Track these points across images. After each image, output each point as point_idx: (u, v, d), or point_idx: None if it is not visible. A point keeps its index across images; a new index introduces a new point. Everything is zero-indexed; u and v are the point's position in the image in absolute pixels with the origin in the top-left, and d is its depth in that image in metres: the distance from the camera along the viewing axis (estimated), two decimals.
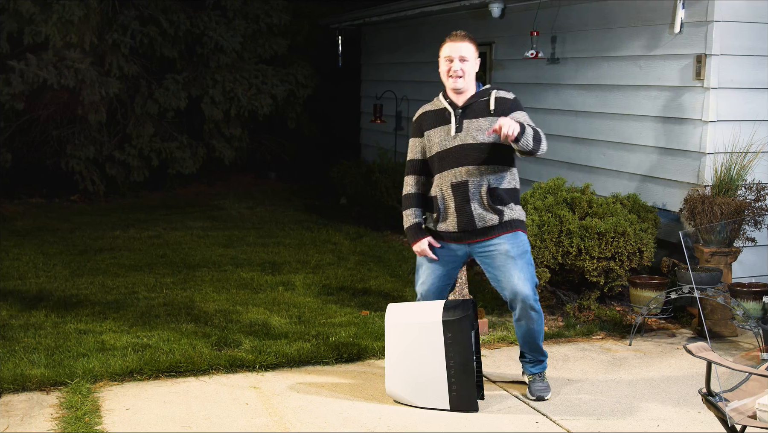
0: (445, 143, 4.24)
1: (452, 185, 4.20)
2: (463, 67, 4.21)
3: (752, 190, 5.67)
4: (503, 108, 4.20)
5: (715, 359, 3.22)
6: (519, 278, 4.17)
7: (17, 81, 9.82)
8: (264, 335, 5.25)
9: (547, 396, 4.35)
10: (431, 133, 4.30)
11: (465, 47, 4.24)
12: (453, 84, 4.23)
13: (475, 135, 4.18)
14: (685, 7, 5.85)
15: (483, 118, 4.20)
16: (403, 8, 9.50)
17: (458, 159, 4.19)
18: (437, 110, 4.33)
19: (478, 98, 4.25)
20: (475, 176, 4.17)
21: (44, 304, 5.94)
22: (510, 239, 4.20)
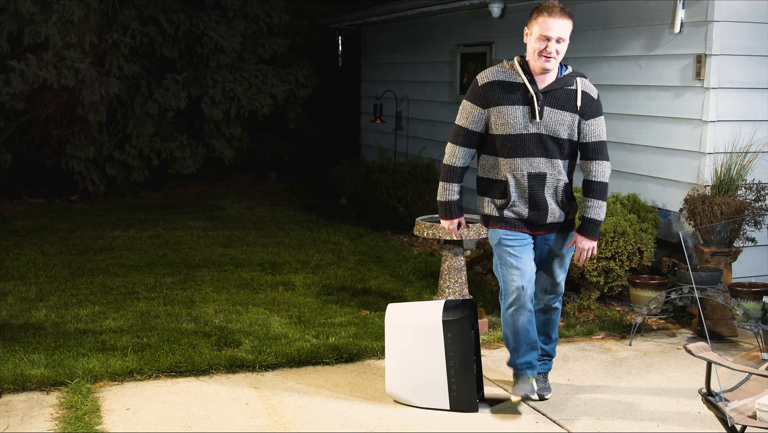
0: (520, 127, 3.90)
1: (529, 175, 3.94)
2: (558, 48, 3.85)
3: (752, 190, 5.67)
4: (589, 108, 3.96)
5: (715, 359, 3.22)
6: (559, 274, 4.18)
7: (17, 81, 9.82)
8: (264, 335, 5.25)
9: (548, 395, 4.34)
10: (504, 110, 3.91)
11: (564, 26, 3.85)
12: (544, 64, 3.86)
13: (556, 129, 3.91)
14: (685, 7, 5.85)
15: (567, 112, 3.91)
16: (403, 8, 9.50)
17: (536, 148, 3.91)
18: (513, 84, 3.92)
19: (562, 84, 3.92)
20: (552, 170, 3.95)
21: (44, 304, 5.94)
22: (563, 238, 4.14)
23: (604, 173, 4.01)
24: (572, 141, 3.96)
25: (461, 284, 5.44)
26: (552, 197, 3.99)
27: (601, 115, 4.00)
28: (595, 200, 4.01)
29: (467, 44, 8.89)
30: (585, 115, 3.94)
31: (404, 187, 8.74)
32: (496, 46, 8.31)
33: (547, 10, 3.83)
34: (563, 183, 3.98)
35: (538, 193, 3.96)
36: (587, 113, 3.94)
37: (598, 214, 4.02)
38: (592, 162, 3.99)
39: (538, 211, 3.99)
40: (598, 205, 4.01)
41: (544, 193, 3.96)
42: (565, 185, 4.00)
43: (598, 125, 3.98)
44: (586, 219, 4.03)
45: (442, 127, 9.50)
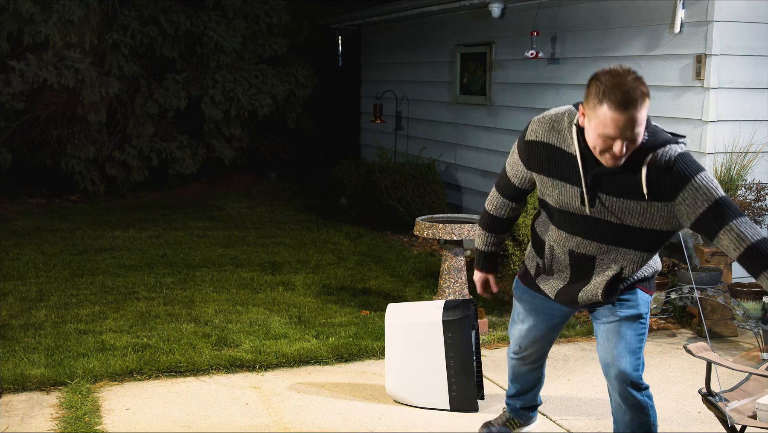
0: (568, 206, 2.97)
1: (571, 254, 3.05)
2: (629, 145, 2.71)
3: (752, 190, 5.67)
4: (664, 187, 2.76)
5: (715, 359, 3.22)
6: (616, 346, 3.09)
7: (17, 81, 9.82)
8: (264, 335, 5.25)
9: None
10: (546, 182, 3.01)
11: (640, 119, 2.67)
12: (611, 163, 2.76)
13: (621, 217, 2.87)
14: (685, 7, 5.85)
15: (631, 200, 2.83)
16: (403, 8, 9.50)
17: (589, 231, 2.96)
18: (563, 153, 2.91)
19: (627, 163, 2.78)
20: (608, 256, 2.98)
21: (44, 304, 5.94)
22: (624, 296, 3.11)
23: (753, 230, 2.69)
24: (651, 231, 2.88)
25: (461, 284, 5.44)
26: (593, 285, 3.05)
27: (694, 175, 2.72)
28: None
29: (467, 44, 8.89)
30: (668, 196, 2.76)
31: (404, 187, 8.74)
32: (496, 46, 8.31)
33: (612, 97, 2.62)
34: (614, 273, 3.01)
35: (576, 274, 3.08)
36: (669, 192, 2.75)
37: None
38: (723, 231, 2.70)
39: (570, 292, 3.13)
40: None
41: (587, 279, 3.06)
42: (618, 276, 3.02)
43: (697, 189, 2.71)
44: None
45: (442, 127, 9.50)
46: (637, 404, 3.11)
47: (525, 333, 3.43)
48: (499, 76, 8.28)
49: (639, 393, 3.10)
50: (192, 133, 11.36)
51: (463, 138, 9.02)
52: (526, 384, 3.68)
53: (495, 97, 8.36)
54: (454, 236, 5.29)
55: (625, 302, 3.08)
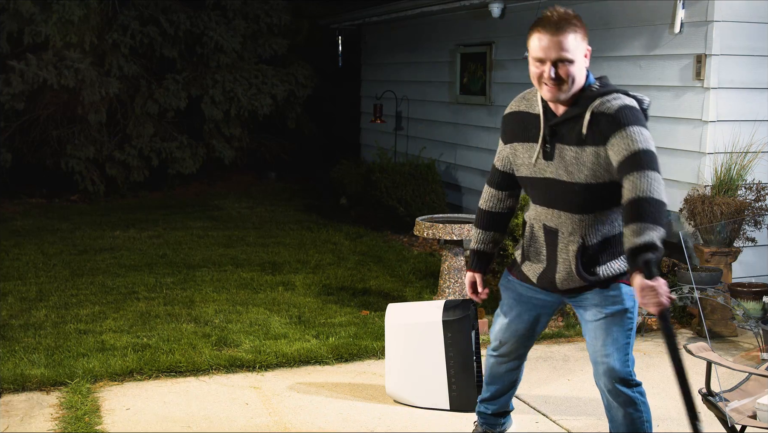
0: (534, 170, 3.03)
1: (545, 228, 3.06)
2: (562, 72, 2.84)
3: (752, 190, 5.67)
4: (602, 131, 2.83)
5: (715, 359, 3.23)
6: (605, 344, 3.05)
7: (17, 81, 9.82)
8: (264, 335, 5.25)
9: None
10: (519, 148, 3.08)
11: (565, 42, 2.81)
12: (549, 95, 2.90)
13: (570, 170, 2.92)
14: (685, 7, 5.85)
15: (574, 147, 2.90)
16: (403, 8, 9.50)
17: (549, 197, 3.01)
18: (532, 115, 3.04)
19: (575, 112, 2.90)
20: (565, 227, 3.00)
21: (44, 304, 5.94)
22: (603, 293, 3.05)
23: (642, 188, 2.68)
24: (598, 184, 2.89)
25: (461, 284, 5.44)
26: (563, 264, 3.03)
27: (627, 126, 2.80)
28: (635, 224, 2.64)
29: (467, 44, 8.88)
30: (603, 140, 2.83)
31: (404, 187, 8.74)
32: (496, 46, 8.31)
33: (540, 24, 2.86)
34: (576, 246, 2.98)
35: (550, 252, 3.07)
36: (606, 133, 2.82)
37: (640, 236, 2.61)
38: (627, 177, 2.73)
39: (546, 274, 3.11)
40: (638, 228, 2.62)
41: (556, 256, 3.04)
42: (583, 249, 2.98)
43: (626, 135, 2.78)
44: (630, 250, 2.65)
45: (442, 127, 9.50)
46: (629, 400, 3.07)
47: (506, 326, 3.34)
48: (499, 76, 8.28)
49: (629, 389, 3.07)
50: (192, 133, 11.36)
51: (463, 138, 9.02)
52: (502, 387, 3.54)
53: (495, 97, 8.36)
54: (454, 236, 5.29)
55: (610, 297, 3.04)
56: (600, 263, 3.01)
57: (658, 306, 2.61)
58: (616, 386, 3.05)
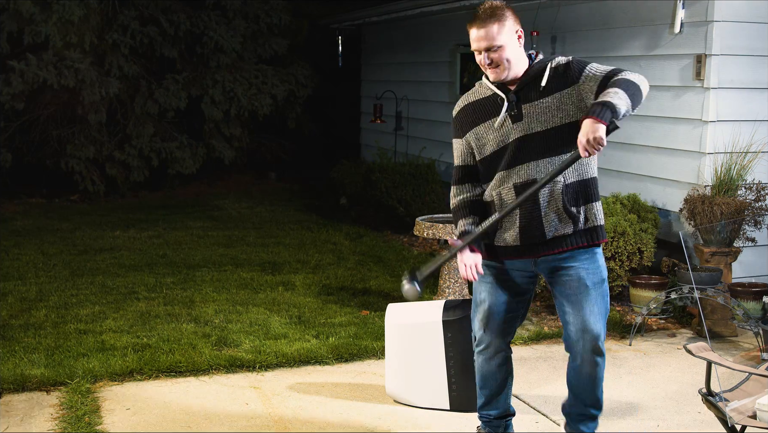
0: (502, 138, 3.35)
1: (516, 187, 3.32)
2: (495, 57, 3.28)
3: (752, 190, 5.67)
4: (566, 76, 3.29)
5: (715, 359, 3.23)
6: (591, 312, 3.34)
7: (17, 81, 9.82)
8: (264, 335, 5.25)
9: None
10: (480, 130, 3.41)
11: (491, 32, 3.26)
12: (494, 77, 3.34)
13: (541, 120, 3.29)
14: (685, 7, 5.85)
15: (546, 97, 3.29)
16: (403, 8, 9.50)
17: (521, 154, 3.31)
18: (483, 99, 3.43)
19: (530, 77, 3.33)
20: (545, 171, 3.28)
21: (44, 304, 5.94)
22: (587, 263, 3.36)
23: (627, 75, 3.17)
24: (567, 124, 3.26)
25: (461, 284, 5.44)
26: (550, 205, 3.30)
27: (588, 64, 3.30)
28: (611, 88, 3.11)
29: (467, 44, 8.85)
30: (571, 81, 3.27)
31: (404, 187, 8.74)
32: None
33: (471, 20, 3.31)
34: (562, 185, 3.28)
35: (529, 205, 3.30)
36: (571, 77, 3.28)
37: (609, 96, 3.06)
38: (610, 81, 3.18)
39: (533, 227, 3.33)
40: (614, 92, 3.08)
41: (539, 203, 3.30)
42: (566, 187, 3.29)
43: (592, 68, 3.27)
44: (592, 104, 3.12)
45: (442, 127, 9.50)
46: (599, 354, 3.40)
47: (487, 312, 3.48)
48: None
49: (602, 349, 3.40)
50: (192, 133, 11.36)
51: None
52: (495, 386, 3.62)
53: None
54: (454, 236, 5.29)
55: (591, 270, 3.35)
56: (580, 204, 3.34)
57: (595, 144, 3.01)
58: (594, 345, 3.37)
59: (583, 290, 3.34)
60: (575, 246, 3.34)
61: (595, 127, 2.99)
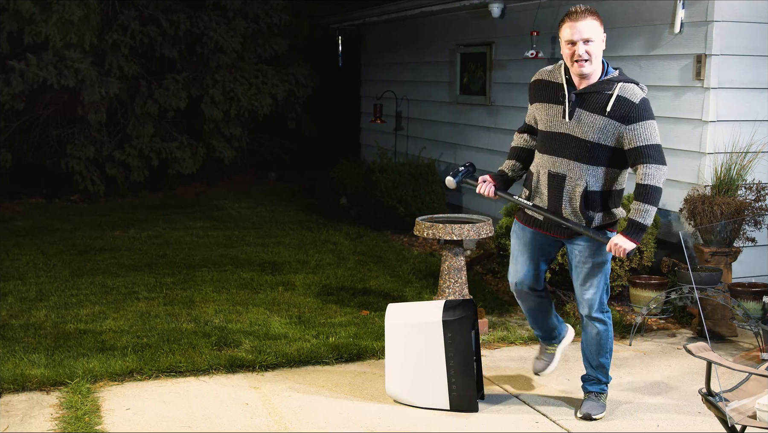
0: (552, 125, 3.93)
1: (549, 174, 3.93)
2: (588, 50, 3.80)
3: (752, 190, 5.67)
4: (624, 113, 3.78)
5: (715, 359, 3.23)
6: (588, 285, 4.01)
7: (17, 81, 9.82)
8: (264, 335, 5.25)
9: (596, 415, 4.10)
10: (540, 107, 3.99)
11: (588, 26, 3.82)
12: (579, 70, 3.82)
13: (585, 130, 3.83)
14: (685, 7, 5.85)
15: (597, 115, 3.81)
16: (403, 8, 9.50)
17: (561, 148, 3.89)
18: (553, 84, 3.96)
19: (600, 88, 3.84)
20: (574, 173, 3.86)
21: (44, 304, 5.94)
22: (593, 245, 3.96)
23: (653, 176, 3.77)
24: (604, 146, 3.82)
25: (461, 284, 5.43)
26: (569, 203, 3.90)
27: (645, 120, 3.79)
28: (639, 203, 3.79)
29: (467, 44, 8.88)
30: (625, 121, 3.79)
31: (404, 187, 8.74)
32: (496, 46, 8.31)
33: (569, 16, 3.86)
34: (582, 189, 3.85)
35: (553, 194, 3.92)
36: (627, 119, 3.78)
37: (641, 216, 3.78)
38: (639, 166, 3.81)
39: (551, 211, 3.95)
40: (644, 208, 3.78)
41: (561, 197, 3.90)
42: (585, 192, 3.86)
43: (643, 129, 3.78)
44: (628, 219, 3.85)
45: (442, 127, 9.50)
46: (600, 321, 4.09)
47: (518, 269, 4.17)
48: (499, 76, 8.28)
49: (603, 314, 4.08)
50: (192, 133, 11.36)
51: (463, 138, 9.02)
52: (537, 312, 4.30)
53: (495, 97, 8.37)
54: (454, 236, 5.29)
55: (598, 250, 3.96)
56: (596, 210, 3.92)
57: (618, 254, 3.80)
58: (593, 314, 4.06)
59: (583, 264, 3.99)
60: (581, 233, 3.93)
61: (627, 246, 3.78)
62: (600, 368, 4.16)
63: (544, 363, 4.45)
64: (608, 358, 4.16)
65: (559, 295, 6.05)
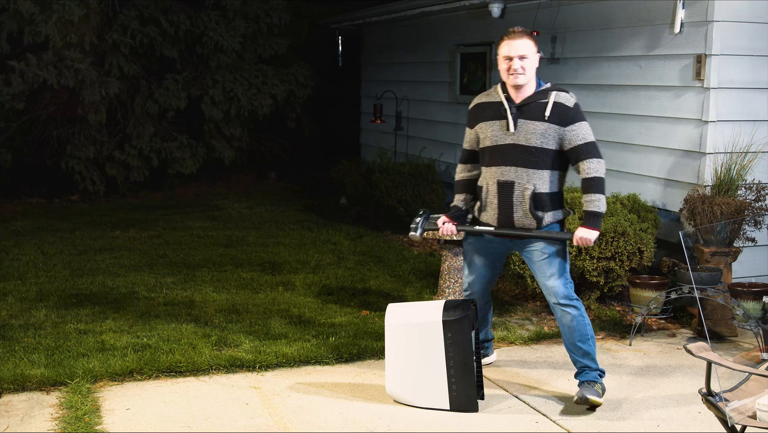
0: (497, 139, 4.26)
1: (498, 183, 4.25)
2: (523, 65, 4.19)
3: (752, 190, 5.67)
4: (561, 116, 4.18)
5: (715, 359, 3.23)
6: (551, 274, 4.27)
7: (17, 81, 9.82)
8: (264, 335, 5.25)
9: (592, 397, 4.17)
10: (485, 126, 4.32)
11: (523, 44, 4.21)
12: (514, 81, 4.21)
13: (528, 138, 4.18)
14: (685, 7, 5.85)
15: (538, 122, 4.19)
16: (403, 8, 9.50)
17: (508, 157, 4.22)
18: (493, 103, 4.33)
19: (536, 98, 4.23)
20: (521, 179, 4.20)
21: (44, 304, 5.94)
22: (542, 248, 4.27)
23: (596, 169, 4.17)
24: (547, 150, 4.18)
25: (461, 283, 5.43)
26: (520, 206, 4.21)
27: (581, 121, 4.21)
28: (591, 194, 4.17)
29: (467, 44, 8.88)
30: (563, 123, 4.17)
31: (404, 187, 8.74)
32: (496, 46, 8.30)
33: (507, 35, 4.26)
34: (530, 192, 4.18)
35: (504, 200, 4.23)
36: (564, 121, 4.17)
37: (595, 206, 4.16)
38: (582, 162, 4.19)
39: (505, 218, 4.26)
40: (596, 198, 4.17)
41: (512, 202, 4.21)
42: (534, 195, 4.19)
43: (579, 129, 4.19)
44: (585, 212, 4.21)
45: (442, 127, 9.50)
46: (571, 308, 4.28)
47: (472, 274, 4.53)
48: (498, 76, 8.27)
49: (571, 301, 4.29)
50: (192, 133, 11.36)
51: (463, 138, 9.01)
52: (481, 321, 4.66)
53: None
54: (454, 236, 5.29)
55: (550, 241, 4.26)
56: (545, 210, 4.24)
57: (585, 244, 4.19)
58: (560, 301, 4.27)
59: (542, 258, 4.28)
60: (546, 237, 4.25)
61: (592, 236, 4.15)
62: (586, 356, 4.31)
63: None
64: (591, 345, 4.31)
65: None
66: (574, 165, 4.23)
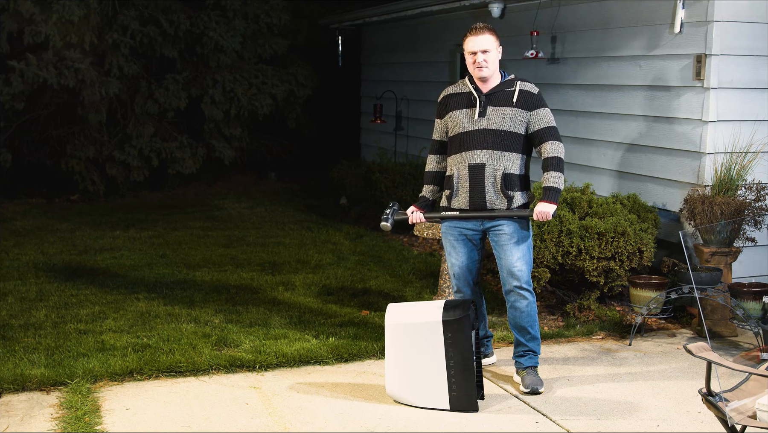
0: (467, 126, 4.51)
1: (470, 166, 4.46)
2: (485, 58, 4.46)
3: (752, 190, 5.67)
4: (527, 102, 4.48)
5: (715, 359, 3.23)
6: (517, 258, 4.47)
7: (17, 81, 9.82)
8: (264, 335, 5.25)
9: (541, 389, 4.44)
10: (455, 114, 4.56)
11: (485, 39, 4.48)
12: (479, 73, 4.49)
13: (498, 122, 4.46)
14: (685, 7, 5.85)
15: (506, 107, 4.47)
16: (403, 8, 9.50)
17: (479, 141, 4.46)
18: (462, 93, 4.59)
19: (503, 87, 4.52)
20: (492, 160, 4.43)
21: (44, 304, 5.94)
22: (514, 225, 4.48)
23: (557, 150, 4.44)
24: (516, 133, 4.45)
25: None
26: (491, 186, 4.43)
27: (544, 107, 4.51)
28: (550, 172, 4.42)
29: None
30: (528, 108, 4.48)
31: (404, 187, 8.74)
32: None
33: (470, 32, 4.53)
34: (501, 172, 4.42)
35: (476, 181, 4.44)
36: (530, 106, 4.48)
37: (554, 182, 4.41)
38: (544, 144, 4.46)
39: (477, 198, 4.45)
40: (555, 175, 4.42)
41: (484, 182, 4.43)
42: (505, 175, 4.43)
43: (543, 114, 4.49)
44: (544, 188, 4.43)
45: None
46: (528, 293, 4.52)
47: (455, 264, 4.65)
48: None
49: (530, 286, 4.53)
50: (192, 133, 11.36)
51: None
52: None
53: None
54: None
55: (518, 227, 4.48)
56: (515, 189, 4.46)
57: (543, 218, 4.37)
58: (523, 285, 4.50)
59: (510, 241, 4.47)
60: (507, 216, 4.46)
61: (550, 209, 4.36)
62: (534, 340, 4.59)
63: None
64: (538, 330, 4.62)
65: (559, 295, 6.05)
66: (537, 147, 4.50)
